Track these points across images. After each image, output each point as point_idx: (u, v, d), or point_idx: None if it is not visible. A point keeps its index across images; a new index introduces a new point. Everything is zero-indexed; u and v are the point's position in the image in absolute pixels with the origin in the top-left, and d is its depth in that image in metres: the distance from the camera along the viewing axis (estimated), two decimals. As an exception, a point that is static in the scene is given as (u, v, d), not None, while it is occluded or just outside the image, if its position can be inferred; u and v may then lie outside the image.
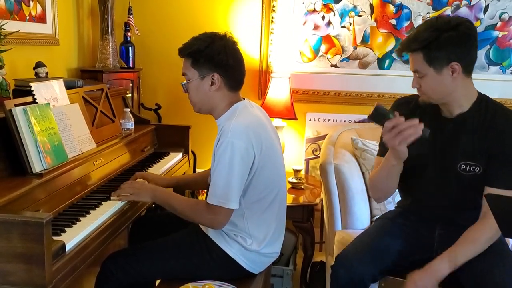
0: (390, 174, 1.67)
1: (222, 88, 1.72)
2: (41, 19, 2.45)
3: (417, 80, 1.63)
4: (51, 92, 1.86)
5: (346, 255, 1.73)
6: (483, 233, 1.57)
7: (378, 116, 1.54)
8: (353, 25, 2.93)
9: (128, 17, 2.90)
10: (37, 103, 1.75)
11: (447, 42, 1.54)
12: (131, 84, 2.91)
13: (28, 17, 2.33)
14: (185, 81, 1.75)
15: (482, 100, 1.66)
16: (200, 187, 2.34)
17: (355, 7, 2.91)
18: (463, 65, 1.56)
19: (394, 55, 2.91)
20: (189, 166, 2.76)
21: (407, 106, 1.75)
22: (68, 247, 1.41)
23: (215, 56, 1.69)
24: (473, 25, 1.62)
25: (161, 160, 2.44)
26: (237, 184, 1.63)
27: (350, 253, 1.74)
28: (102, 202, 1.75)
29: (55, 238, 1.39)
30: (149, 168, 2.29)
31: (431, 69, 1.57)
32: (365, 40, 2.94)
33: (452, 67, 1.56)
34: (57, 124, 1.77)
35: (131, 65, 2.96)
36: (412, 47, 1.59)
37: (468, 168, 1.63)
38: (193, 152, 2.85)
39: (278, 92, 2.82)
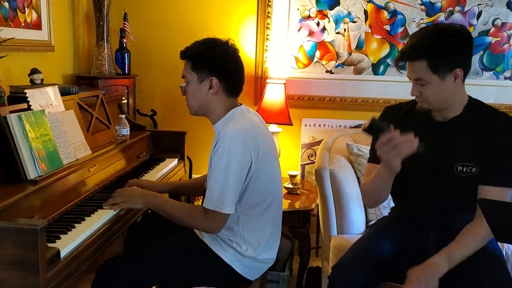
0: (382, 185, 1.69)
1: (219, 93, 1.74)
2: (37, 25, 2.45)
3: (417, 88, 1.63)
4: (46, 99, 1.87)
5: (343, 265, 1.72)
6: (482, 228, 1.57)
7: (373, 129, 1.54)
8: (348, 31, 2.95)
9: (124, 23, 2.91)
10: (32, 110, 1.75)
11: (450, 49, 1.56)
12: (126, 90, 2.91)
13: (23, 24, 2.34)
14: (183, 84, 1.77)
15: (474, 102, 1.69)
16: (196, 193, 2.34)
17: (349, 13, 2.93)
18: (464, 70, 1.60)
19: (389, 61, 2.93)
20: (185, 172, 2.76)
21: (397, 113, 1.77)
22: (62, 254, 1.41)
23: (215, 61, 1.71)
24: (469, 31, 1.68)
25: (156, 166, 2.44)
26: (234, 189, 1.64)
27: (346, 262, 1.73)
28: (97, 209, 1.75)
29: (49, 245, 1.39)
30: (145, 174, 2.29)
31: (435, 76, 1.58)
32: (359, 46, 2.96)
33: (455, 73, 1.59)
34: (52, 130, 1.77)
35: (126, 71, 2.96)
36: (415, 56, 1.59)
37: (465, 169, 1.65)
38: (189, 158, 2.85)
39: (274, 98, 2.83)
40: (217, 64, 1.71)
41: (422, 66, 1.58)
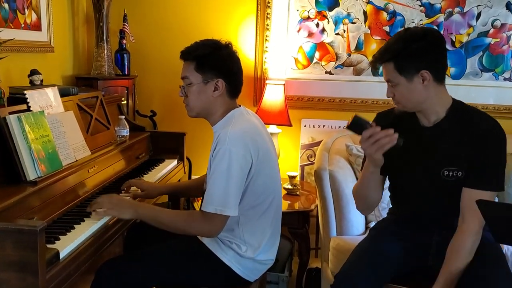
0: (370, 182, 1.75)
1: (223, 95, 1.74)
2: (36, 26, 2.45)
3: (390, 90, 1.68)
4: (46, 100, 1.87)
5: (345, 272, 1.71)
6: (463, 246, 1.60)
7: (356, 126, 1.62)
8: (347, 32, 2.95)
9: (123, 24, 2.91)
10: (31, 110, 1.75)
11: (415, 51, 1.59)
12: (126, 91, 2.91)
13: (23, 25, 2.34)
14: (184, 84, 1.75)
15: (458, 105, 1.69)
16: (195, 194, 2.34)
17: (349, 14, 2.93)
18: (432, 73, 1.61)
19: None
20: (185, 173, 2.76)
21: (387, 118, 1.80)
22: (62, 254, 1.41)
23: (221, 62, 1.71)
24: (440, 34, 1.69)
25: (156, 167, 2.44)
26: (236, 191, 1.63)
27: (349, 270, 1.72)
28: (97, 210, 1.74)
29: (49, 246, 1.39)
30: (144, 175, 2.29)
31: (402, 77, 1.62)
32: (359, 47, 2.96)
33: (422, 75, 1.60)
34: (51, 131, 1.77)
35: (126, 72, 2.96)
36: (383, 58, 1.65)
37: (451, 173, 1.66)
38: (188, 159, 2.85)
39: (273, 99, 2.83)
40: (224, 66, 1.72)
41: (390, 67, 1.63)
